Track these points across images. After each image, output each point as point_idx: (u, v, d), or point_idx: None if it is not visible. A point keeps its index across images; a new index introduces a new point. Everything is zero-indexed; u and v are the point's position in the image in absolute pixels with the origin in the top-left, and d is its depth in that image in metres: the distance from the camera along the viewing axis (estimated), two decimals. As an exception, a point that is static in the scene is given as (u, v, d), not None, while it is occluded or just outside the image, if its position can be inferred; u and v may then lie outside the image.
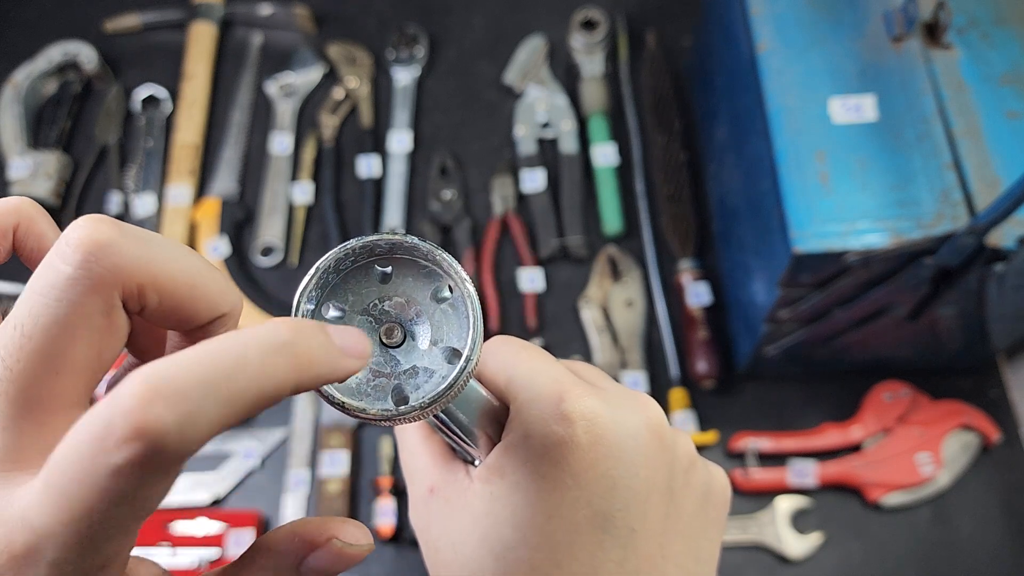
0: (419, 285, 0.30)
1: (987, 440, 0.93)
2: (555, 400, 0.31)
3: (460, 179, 1.13)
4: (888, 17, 0.78)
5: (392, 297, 0.30)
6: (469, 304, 0.29)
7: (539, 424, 0.31)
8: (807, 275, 0.74)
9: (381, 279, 0.30)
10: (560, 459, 0.30)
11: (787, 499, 0.92)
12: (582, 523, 0.30)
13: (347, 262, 0.29)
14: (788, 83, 0.76)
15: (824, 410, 0.98)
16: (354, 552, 0.25)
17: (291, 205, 1.13)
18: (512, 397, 0.33)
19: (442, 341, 0.29)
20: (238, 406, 0.20)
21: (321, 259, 0.29)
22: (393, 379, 0.29)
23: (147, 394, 0.19)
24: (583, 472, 0.30)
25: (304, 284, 0.28)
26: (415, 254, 0.30)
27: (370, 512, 0.94)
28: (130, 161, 1.16)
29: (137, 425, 0.19)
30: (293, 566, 0.24)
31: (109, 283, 0.22)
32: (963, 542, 0.91)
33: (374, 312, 0.30)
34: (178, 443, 0.19)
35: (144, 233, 0.24)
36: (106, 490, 0.20)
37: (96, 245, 0.22)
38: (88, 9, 1.28)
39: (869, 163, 0.72)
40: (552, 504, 0.30)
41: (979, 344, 0.92)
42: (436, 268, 0.30)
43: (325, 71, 1.22)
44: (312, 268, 0.28)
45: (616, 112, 1.16)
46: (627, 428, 0.32)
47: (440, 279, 0.30)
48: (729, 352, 1.00)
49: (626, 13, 1.22)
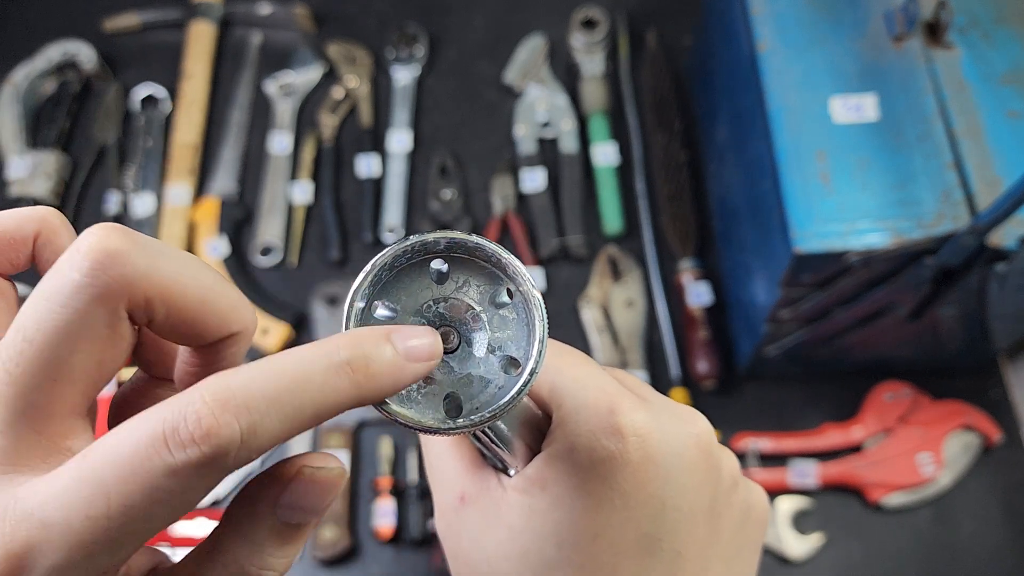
0: (477, 288, 0.28)
1: (988, 440, 0.93)
2: (605, 412, 0.29)
3: (460, 179, 1.13)
4: (889, 16, 0.78)
5: (448, 299, 0.28)
6: (536, 310, 0.26)
7: (587, 437, 0.29)
8: (808, 275, 0.74)
9: (437, 278, 0.28)
10: (609, 476, 0.29)
11: (788, 500, 0.92)
12: (629, 545, 0.29)
13: (403, 259, 0.27)
14: (789, 83, 0.76)
15: (825, 410, 0.97)
16: (325, 476, 0.24)
17: (290, 205, 1.13)
18: (556, 405, 0.31)
19: (500, 349, 0.27)
20: (298, 421, 0.21)
21: (378, 255, 0.27)
22: (446, 387, 0.27)
23: (219, 402, 0.20)
24: (633, 492, 0.29)
25: (359, 281, 0.26)
26: (477, 255, 0.28)
27: (370, 512, 0.94)
28: (129, 160, 1.16)
29: (208, 430, 0.20)
30: (269, 509, 0.24)
31: (116, 293, 0.22)
32: (964, 542, 0.91)
33: (427, 314, 0.28)
34: (240, 451, 0.20)
35: (157, 245, 0.23)
36: (156, 488, 0.20)
37: (105, 254, 0.22)
38: (87, 8, 1.28)
39: (870, 163, 0.72)
40: (599, 523, 0.29)
41: (980, 344, 0.92)
42: (497, 271, 0.28)
43: (325, 70, 1.22)
44: (368, 264, 0.27)
45: (616, 112, 1.16)
46: (676, 446, 0.30)
47: (500, 283, 0.28)
48: (730, 352, 1.00)
49: (626, 12, 1.22)
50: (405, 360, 0.24)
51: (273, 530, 0.24)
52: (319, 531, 0.92)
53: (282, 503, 0.24)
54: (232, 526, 0.24)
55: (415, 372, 0.24)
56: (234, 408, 0.20)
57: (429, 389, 0.27)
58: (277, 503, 0.24)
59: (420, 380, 0.27)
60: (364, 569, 0.93)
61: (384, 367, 0.23)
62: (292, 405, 0.21)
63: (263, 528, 0.24)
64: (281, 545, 0.24)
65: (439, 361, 0.25)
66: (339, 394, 0.22)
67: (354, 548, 0.93)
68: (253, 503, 0.24)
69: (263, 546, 0.24)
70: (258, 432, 0.20)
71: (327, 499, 0.24)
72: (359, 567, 0.93)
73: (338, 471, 0.24)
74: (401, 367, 0.23)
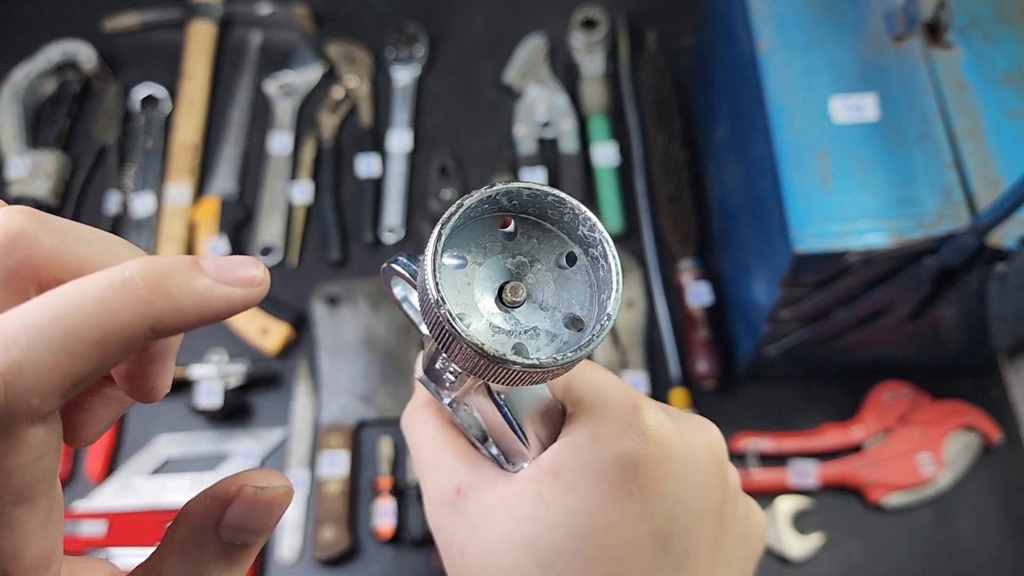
0: (544, 247, 0.29)
1: (988, 440, 0.93)
2: (630, 409, 0.30)
3: (460, 178, 1.13)
4: (889, 16, 0.78)
5: (516, 255, 0.29)
6: (612, 263, 0.27)
7: (612, 428, 0.30)
8: (808, 275, 0.74)
9: (506, 236, 0.29)
10: (631, 468, 0.29)
11: (788, 500, 0.92)
12: (643, 539, 0.29)
13: (479, 209, 0.28)
14: (789, 82, 0.76)
15: (825, 410, 0.97)
16: (269, 496, 0.23)
17: (290, 204, 1.13)
18: (574, 400, 0.32)
19: (565, 307, 0.28)
20: (76, 349, 0.19)
21: (464, 198, 0.27)
22: (513, 337, 0.28)
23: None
24: (651, 487, 0.29)
25: (443, 220, 0.26)
26: (551, 212, 0.28)
27: (370, 512, 0.94)
28: (129, 160, 1.16)
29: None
30: (211, 528, 0.23)
31: (22, 276, 0.21)
32: (964, 543, 0.91)
33: (496, 267, 0.28)
34: (10, 396, 0.18)
35: (68, 225, 0.22)
36: None
37: (7, 237, 0.21)
38: (87, 8, 1.28)
39: (870, 163, 0.72)
40: (615, 515, 0.29)
41: (980, 344, 0.92)
42: (564, 234, 0.29)
43: (324, 70, 1.22)
44: (453, 206, 0.27)
45: (616, 111, 1.16)
46: (693, 449, 0.31)
47: (566, 245, 0.29)
48: (730, 352, 1.00)
49: (626, 12, 1.22)
50: (215, 280, 0.21)
51: (217, 551, 0.23)
52: (319, 531, 0.92)
53: (224, 523, 0.23)
54: (175, 546, 0.23)
55: (228, 296, 0.22)
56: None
57: (497, 338, 0.27)
58: (219, 523, 0.23)
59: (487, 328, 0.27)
60: (364, 569, 0.93)
61: (184, 285, 0.21)
62: (62, 331, 0.18)
63: (206, 549, 0.23)
64: (227, 566, 0.23)
65: (263, 291, 0.23)
66: (125, 311, 0.19)
67: (354, 548, 0.93)
68: (194, 523, 0.23)
69: (207, 566, 0.23)
70: (24, 369, 0.18)
71: (271, 519, 0.23)
72: (359, 567, 0.93)
73: (282, 490, 0.23)
74: (208, 287, 0.21)
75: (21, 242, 0.21)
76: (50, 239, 0.21)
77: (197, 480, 0.96)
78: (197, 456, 0.98)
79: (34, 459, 0.19)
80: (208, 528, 0.23)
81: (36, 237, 0.21)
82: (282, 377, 1.03)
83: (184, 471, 0.97)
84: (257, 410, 1.01)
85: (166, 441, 0.99)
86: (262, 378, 1.01)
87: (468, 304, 0.28)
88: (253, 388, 1.01)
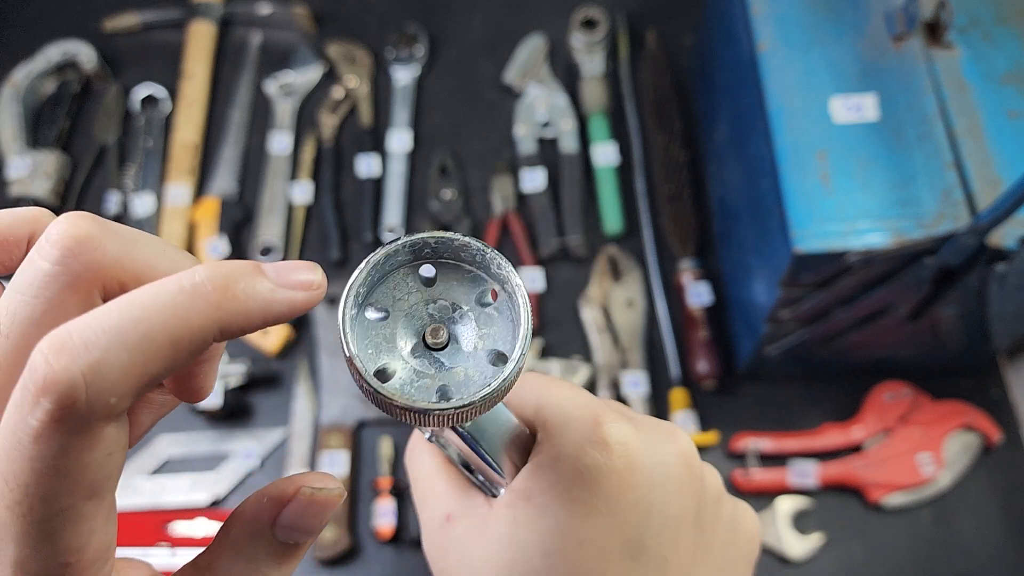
0: (463, 288, 0.29)
1: (988, 440, 0.93)
2: (590, 424, 0.30)
3: (460, 179, 1.13)
4: (889, 16, 0.78)
5: (436, 300, 0.29)
6: (520, 302, 0.28)
7: (572, 447, 0.30)
8: (808, 275, 0.74)
9: (425, 282, 0.29)
10: (594, 483, 0.29)
11: (788, 500, 0.92)
12: (614, 551, 0.29)
13: (392, 262, 0.29)
14: (789, 82, 0.76)
15: (825, 410, 0.97)
16: (325, 497, 0.24)
17: (290, 205, 1.13)
18: (542, 422, 0.32)
19: (488, 344, 0.29)
20: (151, 351, 0.19)
21: (370, 255, 0.28)
22: (437, 380, 0.28)
23: (54, 348, 0.19)
24: (617, 498, 0.30)
25: (352, 282, 0.27)
26: (463, 256, 0.29)
27: (370, 512, 0.94)
28: (129, 161, 1.16)
29: (45, 380, 0.18)
30: (267, 528, 0.23)
31: (88, 280, 0.21)
32: (964, 542, 0.91)
33: (417, 315, 0.29)
34: (90, 395, 0.19)
35: (127, 231, 0.23)
36: (33, 459, 0.19)
37: (74, 241, 0.21)
38: (87, 8, 1.28)
39: (870, 163, 0.72)
40: (584, 530, 0.29)
41: (980, 344, 0.92)
42: (480, 272, 0.29)
43: (324, 70, 1.22)
44: (361, 264, 0.27)
45: (616, 111, 1.16)
46: (660, 456, 0.31)
47: (484, 283, 0.29)
48: (730, 352, 1.00)
49: (626, 12, 1.22)
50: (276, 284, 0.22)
51: (270, 549, 0.24)
52: (319, 531, 0.92)
53: (280, 523, 0.23)
54: (229, 543, 0.24)
55: (290, 299, 0.22)
56: (70, 350, 0.18)
57: (421, 383, 0.28)
58: (275, 523, 0.23)
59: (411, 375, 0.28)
60: (364, 569, 0.93)
61: (249, 289, 0.21)
62: (137, 333, 0.19)
63: (261, 547, 0.24)
64: (278, 564, 0.24)
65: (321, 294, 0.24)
66: (196, 315, 0.20)
67: (354, 548, 0.93)
68: (251, 522, 0.24)
69: (259, 564, 0.24)
70: (103, 370, 0.19)
71: (324, 519, 0.24)
72: (359, 567, 0.93)
73: (337, 491, 0.24)
74: (271, 290, 0.22)
75: (87, 246, 0.21)
76: (113, 244, 0.22)
77: (197, 480, 0.96)
78: (197, 456, 0.98)
79: (106, 455, 0.20)
80: (263, 527, 0.23)
81: (100, 241, 0.22)
82: (282, 377, 1.03)
83: (184, 471, 0.97)
84: (257, 410, 1.01)
85: (166, 441, 0.99)
86: (262, 378, 1.01)
87: (392, 353, 0.28)
88: (253, 388, 1.01)
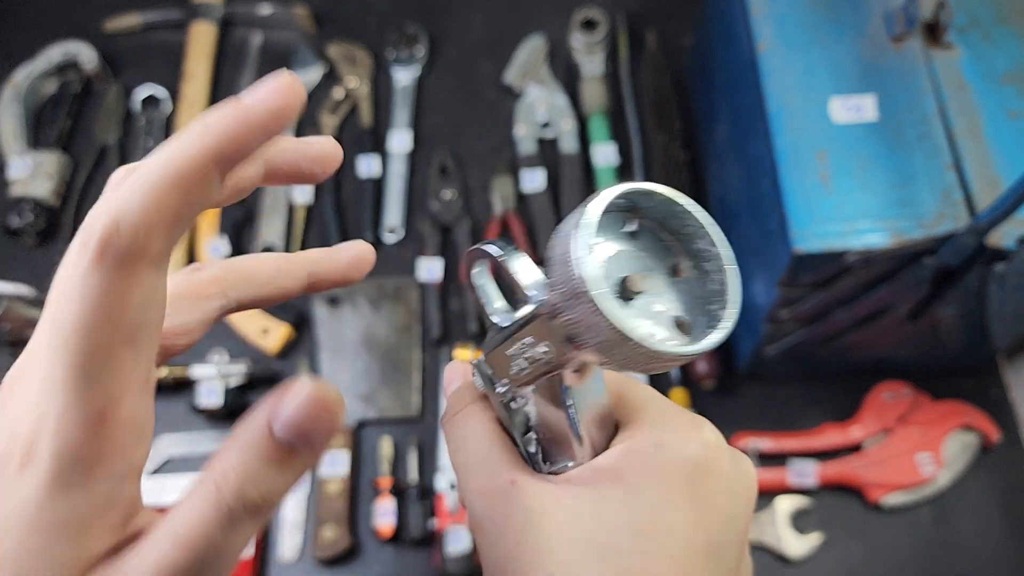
0: (657, 251, 0.30)
1: (987, 440, 0.93)
2: (692, 423, 0.32)
3: (460, 179, 1.13)
4: (889, 17, 0.78)
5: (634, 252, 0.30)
6: (729, 276, 0.30)
7: (677, 439, 0.31)
8: (807, 275, 0.74)
9: (628, 234, 0.30)
10: (695, 479, 0.31)
11: (787, 499, 0.92)
12: (700, 548, 0.30)
13: (615, 203, 0.29)
14: (789, 83, 0.76)
15: (824, 410, 0.97)
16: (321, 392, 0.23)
17: (291, 205, 1.13)
18: (631, 409, 0.33)
19: (672, 309, 0.30)
20: (163, 189, 0.22)
21: (603, 191, 0.28)
22: None
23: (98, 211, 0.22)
24: (710, 499, 0.31)
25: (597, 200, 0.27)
26: (677, 220, 0.30)
27: (370, 512, 0.94)
28: (130, 161, 1.16)
29: (92, 227, 0.21)
30: (264, 425, 0.23)
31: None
32: (964, 542, 0.91)
33: (619, 258, 0.30)
34: (123, 232, 0.21)
35: None
36: (79, 299, 0.21)
37: None
38: (88, 9, 1.28)
39: (870, 163, 0.72)
40: (677, 520, 0.30)
41: (980, 344, 0.92)
42: (679, 242, 0.30)
43: (325, 71, 1.22)
44: (606, 191, 0.28)
45: (616, 112, 1.16)
46: (741, 470, 0.33)
47: (675, 255, 0.31)
48: (729, 352, 1.00)
49: (626, 12, 1.22)
50: (248, 103, 0.24)
51: (269, 451, 0.23)
52: (319, 531, 0.92)
53: (278, 415, 0.23)
54: (232, 440, 0.24)
55: (264, 104, 0.24)
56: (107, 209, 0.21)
57: None
58: (274, 416, 0.23)
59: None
60: (364, 569, 0.93)
61: (222, 116, 0.23)
62: (150, 179, 0.22)
63: (258, 447, 0.23)
64: (277, 468, 0.24)
65: (297, 91, 0.25)
66: (185, 151, 0.22)
67: (354, 548, 0.93)
68: (251, 419, 0.24)
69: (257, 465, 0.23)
70: (133, 209, 0.21)
71: (322, 425, 0.23)
72: (359, 567, 0.93)
73: (335, 393, 0.24)
74: (244, 108, 0.24)
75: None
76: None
77: (198, 480, 0.96)
78: (198, 456, 0.98)
79: (143, 301, 0.22)
80: (262, 425, 0.23)
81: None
82: (282, 377, 1.03)
83: (185, 471, 0.97)
84: (258, 410, 1.01)
85: (167, 441, 0.99)
86: (263, 378, 1.01)
87: None
88: (254, 388, 1.01)
